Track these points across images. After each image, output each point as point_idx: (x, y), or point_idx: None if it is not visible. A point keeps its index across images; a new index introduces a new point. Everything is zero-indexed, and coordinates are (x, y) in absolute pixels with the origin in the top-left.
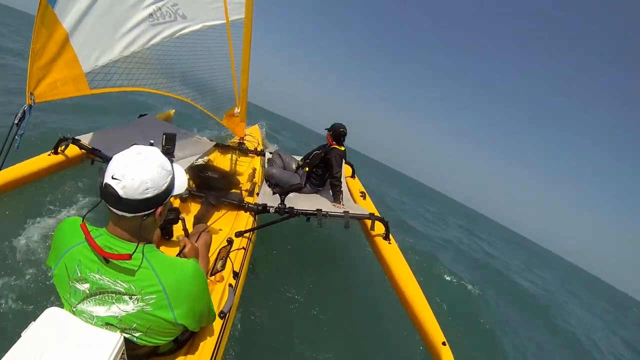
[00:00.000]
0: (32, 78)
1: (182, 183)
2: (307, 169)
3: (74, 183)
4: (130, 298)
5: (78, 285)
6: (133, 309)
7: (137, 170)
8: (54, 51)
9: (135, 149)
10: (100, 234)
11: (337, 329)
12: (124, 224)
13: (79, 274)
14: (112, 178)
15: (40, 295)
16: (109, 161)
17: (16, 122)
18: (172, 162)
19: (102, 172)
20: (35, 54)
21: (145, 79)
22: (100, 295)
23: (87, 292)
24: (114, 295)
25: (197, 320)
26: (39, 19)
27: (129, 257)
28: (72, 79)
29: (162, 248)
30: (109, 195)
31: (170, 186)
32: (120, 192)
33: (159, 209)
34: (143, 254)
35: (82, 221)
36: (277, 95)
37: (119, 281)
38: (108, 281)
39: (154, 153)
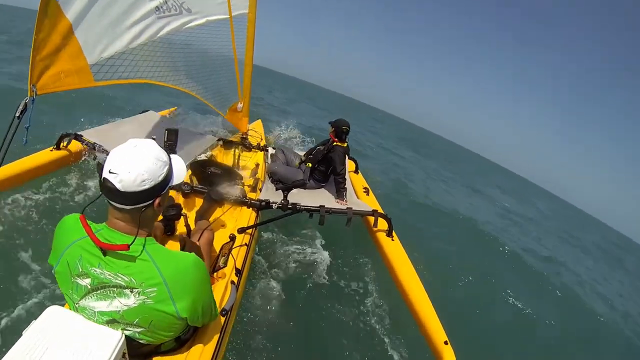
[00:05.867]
0: (34, 69)
1: (180, 173)
2: (309, 165)
3: (76, 178)
4: (132, 292)
5: (80, 281)
6: (134, 303)
7: (133, 163)
8: (58, 42)
9: (132, 142)
10: (100, 229)
11: (339, 326)
12: (124, 216)
13: (80, 269)
14: (110, 172)
15: (42, 293)
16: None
17: (17, 115)
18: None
19: (100, 167)
20: (38, 45)
21: (151, 71)
22: (102, 290)
23: (89, 287)
24: (115, 289)
25: (200, 314)
26: (42, 9)
27: (127, 247)
28: (76, 71)
29: (164, 244)
30: (107, 189)
31: (168, 177)
32: (118, 186)
33: (157, 200)
34: (144, 246)
35: (82, 214)
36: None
37: (119, 274)
38: (109, 275)
39: (150, 145)
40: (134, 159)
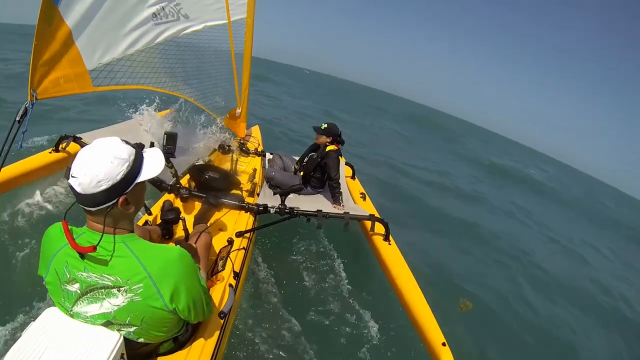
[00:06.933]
0: (34, 74)
1: (153, 167)
2: (302, 173)
3: None
4: (119, 290)
5: (69, 287)
6: (123, 302)
7: (88, 165)
8: (57, 48)
9: (93, 143)
10: (82, 232)
11: (337, 329)
12: (95, 217)
13: (68, 276)
14: (72, 176)
15: (41, 295)
16: None
17: (18, 119)
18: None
19: (68, 171)
20: (38, 51)
21: (148, 77)
22: (91, 293)
23: (79, 292)
24: (103, 290)
25: (192, 307)
26: (42, 16)
27: (93, 249)
28: (76, 76)
29: None
30: (73, 193)
31: (130, 174)
32: (78, 189)
33: (121, 199)
34: (126, 244)
35: (64, 220)
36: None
37: (105, 275)
38: (95, 277)
39: (108, 144)
40: (89, 161)
